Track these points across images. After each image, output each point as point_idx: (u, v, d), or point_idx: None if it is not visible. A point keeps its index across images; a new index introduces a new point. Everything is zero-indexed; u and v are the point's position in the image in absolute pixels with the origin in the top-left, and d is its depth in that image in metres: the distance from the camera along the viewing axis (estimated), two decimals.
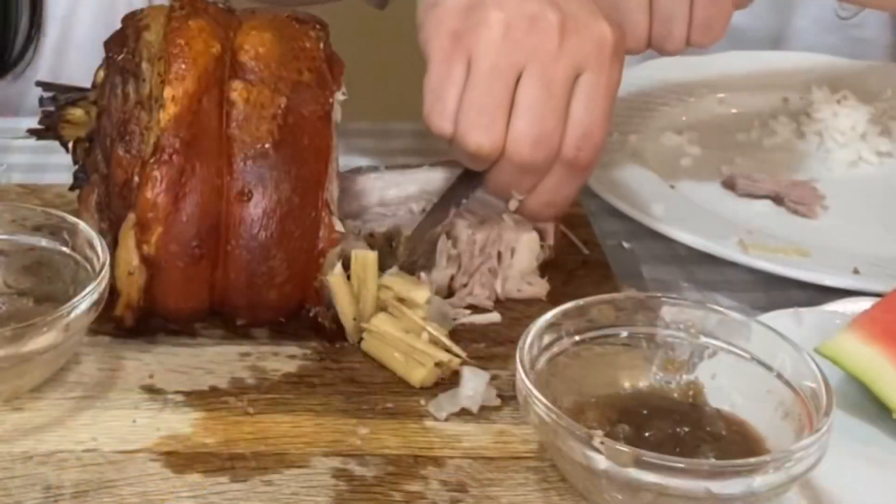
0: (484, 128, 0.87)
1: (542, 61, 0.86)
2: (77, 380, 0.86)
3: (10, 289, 0.90)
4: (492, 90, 0.86)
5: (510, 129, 0.87)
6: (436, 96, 0.88)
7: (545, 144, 0.87)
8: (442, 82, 0.88)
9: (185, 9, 0.89)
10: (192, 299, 0.88)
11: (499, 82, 0.86)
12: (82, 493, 0.76)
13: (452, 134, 0.88)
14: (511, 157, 0.88)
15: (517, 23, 0.86)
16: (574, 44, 0.87)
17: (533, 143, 0.87)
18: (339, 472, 0.79)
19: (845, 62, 1.39)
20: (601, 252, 1.03)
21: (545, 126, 0.87)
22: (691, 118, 1.28)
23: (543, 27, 0.86)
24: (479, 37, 0.87)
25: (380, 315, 0.89)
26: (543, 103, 0.86)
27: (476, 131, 0.87)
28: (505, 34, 0.86)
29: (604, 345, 0.83)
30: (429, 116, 0.89)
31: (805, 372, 0.78)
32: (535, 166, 0.89)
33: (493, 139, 0.87)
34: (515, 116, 0.87)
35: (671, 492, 0.71)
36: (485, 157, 0.88)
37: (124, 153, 0.87)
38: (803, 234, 1.08)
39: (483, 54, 0.87)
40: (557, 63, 0.86)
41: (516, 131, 0.87)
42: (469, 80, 0.87)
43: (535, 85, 0.86)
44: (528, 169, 0.89)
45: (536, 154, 0.88)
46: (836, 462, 0.75)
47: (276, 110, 0.87)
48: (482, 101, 0.87)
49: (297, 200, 0.86)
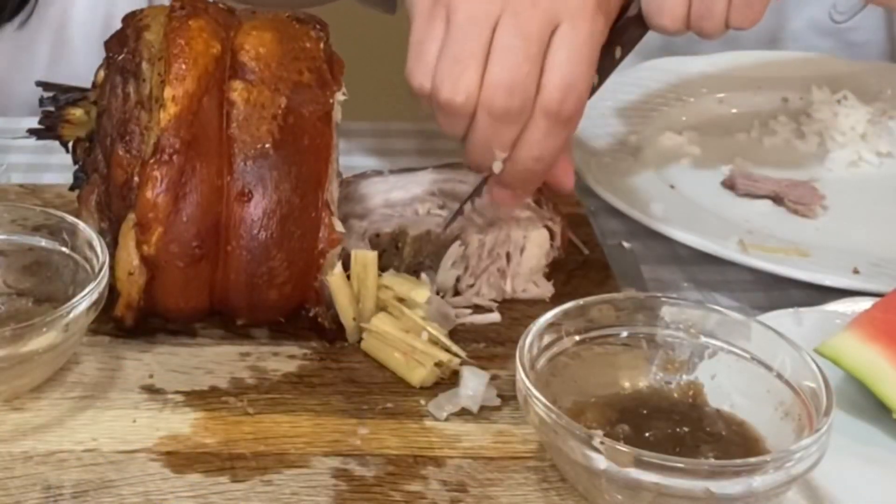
0: (456, 77, 0.86)
1: (517, 10, 0.86)
2: (77, 380, 0.86)
3: (10, 289, 0.90)
4: (466, 40, 0.86)
5: (485, 76, 0.86)
6: (416, 52, 0.89)
7: (520, 90, 0.86)
8: (422, 38, 0.88)
9: (186, 9, 0.89)
10: (192, 299, 0.88)
11: (473, 32, 0.86)
12: (82, 493, 0.76)
13: (430, 90, 0.88)
14: (487, 106, 0.87)
15: None
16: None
17: (507, 90, 0.86)
18: (339, 472, 0.79)
19: (845, 62, 1.39)
20: (601, 252, 1.03)
21: (519, 71, 0.86)
22: (691, 118, 1.28)
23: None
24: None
25: (380, 315, 0.89)
26: (518, 50, 0.86)
27: (449, 82, 0.87)
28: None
29: (604, 345, 0.83)
30: (410, 73, 0.89)
31: (805, 372, 0.78)
32: (511, 114, 0.87)
33: (467, 88, 0.86)
34: (490, 63, 0.86)
35: (671, 492, 0.71)
36: (457, 108, 0.87)
37: (124, 153, 0.87)
38: (803, 234, 1.08)
39: (458, 6, 0.87)
40: (533, 10, 0.86)
41: (491, 78, 0.86)
42: (446, 34, 0.87)
43: (510, 32, 0.86)
44: (504, 117, 0.87)
45: (512, 101, 0.86)
46: (836, 462, 0.75)
47: (276, 110, 0.87)
48: (456, 52, 0.87)
49: (298, 201, 0.86)
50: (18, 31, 1.29)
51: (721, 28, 0.98)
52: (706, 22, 0.97)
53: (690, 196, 1.12)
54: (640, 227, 1.06)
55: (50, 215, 0.90)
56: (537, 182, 0.94)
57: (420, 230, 0.94)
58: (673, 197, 1.11)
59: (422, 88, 0.88)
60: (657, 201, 1.09)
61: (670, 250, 1.07)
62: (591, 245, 1.04)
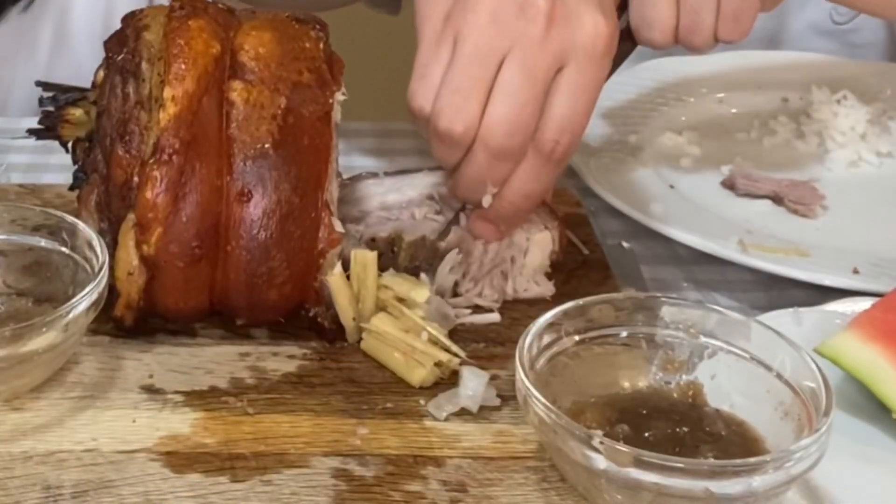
0: (457, 108, 0.86)
1: (526, 48, 0.85)
2: (77, 380, 0.86)
3: (10, 289, 0.90)
4: (471, 72, 0.85)
5: (486, 112, 0.86)
6: (420, 75, 0.88)
7: (520, 131, 0.86)
8: (427, 62, 0.88)
9: (185, 9, 0.89)
10: (192, 299, 0.88)
11: (478, 65, 0.85)
12: (82, 493, 0.76)
13: (429, 114, 0.87)
14: (485, 141, 0.86)
15: (505, 8, 0.85)
16: (562, 33, 0.85)
17: (508, 128, 0.86)
18: (338, 472, 0.79)
19: (845, 62, 1.39)
20: (601, 252, 1.03)
21: (523, 113, 0.85)
22: (691, 118, 1.28)
23: (531, 14, 0.85)
24: (465, 20, 0.86)
25: (380, 315, 0.89)
26: (523, 90, 0.85)
27: (449, 111, 0.86)
28: (492, 19, 0.85)
29: (603, 345, 0.83)
30: (412, 95, 0.88)
31: (805, 372, 0.78)
32: (509, 153, 0.87)
33: (466, 121, 0.86)
34: (493, 99, 0.86)
35: (671, 492, 0.71)
36: (455, 139, 0.87)
37: (124, 153, 0.87)
38: (803, 234, 1.08)
39: (467, 36, 0.86)
40: (541, 51, 0.85)
41: (492, 115, 0.86)
42: (452, 61, 0.86)
43: (516, 70, 0.85)
44: (501, 155, 0.87)
45: (511, 140, 0.86)
46: (836, 462, 0.75)
47: (275, 110, 0.87)
48: (460, 82, 0.86)
49: (297, 201, 0.86)
50: (21, 16, 1.29)
51: (710, 42, 0.98)
52: (695, 35, 0.97)
53: (690, 196, 1.13)
54: (640, 227, 1.06)
55: (50, 215, 0.90)
56: (521, 219, 0.94)
57: (416, 236, 0.94)
58: (673, 197, 1.11)
59: (421, 111, 0.88)
60: (657, 201, 1.09)
61: (670, 250, 1.07)
62: (591, 245, 1.04)
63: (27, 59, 1.31)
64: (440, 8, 0.88)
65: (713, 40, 0.98)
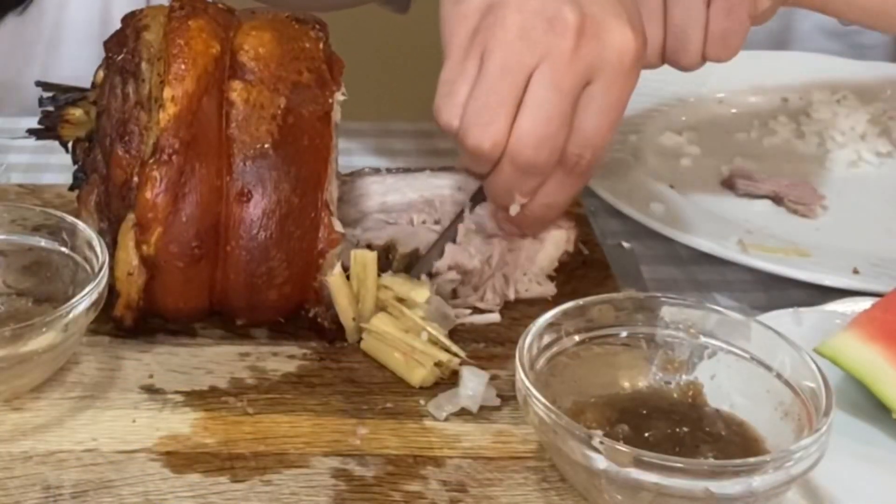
0: (485, 125, 0.86)
1: (555, 63, 0.84)
2: (77, 380, 0.86)
3: (10, 289, 0.90)
4: (499, 88, 0.85)
5: (514, 127, 0.86)
6: (447, 90, 0.87)
7: (549, 146, 0.86)
8: (454, 77, 0.87)
9: (185, 9, 0.89)
10: (192, 300, 0.88)
11: (507, 80, 0.85)
12: (82, 493, 0.76)
13: (457, 130, 0.87)
14: (513, 156, 0.87)
15: (534, 23, 0.85)
16: (591, 48, 0.85)
17: (536, 144, 0.86)
18: (338, 472, 0.79)
19: (845, 62, 1.39)
20: (601, 252, 1.03)
21: (550, 127, 0.85)
22: (691, 118, 1.28)
23: (560, 29, 0.84)
24: (494, 35, 0.85)
25: (380, 315, 0.89)
26: (551, 105, 0.85)
27: (477, 128, 0.86)
28: (520, 34, 0.85)
29: (603, 345, 0.83)
30: (438, 110, 0.88)
31: (805, 372, 0.78)
32: (537, 168, 0.87)
33: (494, 137, 0.86)
34: (521, 115, 0.85)
35: (671, 492, 0.71)
36: (484, 154, 0.87)
37: (124, 153, 0.87)
38: (803, 234, 1.08)
39: (495, 52, 0.85)
40: (570, 66, 0.84)
41: (520, 130, 0.86)
42: (479, 77, 0.86)
43: (545, 85, 0.85)
44: (530, 170, 0.87)
45: (539, 155, 0.86)
46: (836, 462, 0.75)
47: (275, 110, 0.87)
48: (488, 98, 0.85)
49: (297, 201, 0.86)
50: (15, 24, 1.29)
51: (697, 62, 0.97)
52: (681, 56, 0.97)
53: (690, 196, 1.13)
54: (640, 227, 1.06)
55: (49, 215, 0.90)
56: (546, 225, 0.95)
57: (410, 248, 0.94)
58: (673, 197, 1.11)
59: (449, 127, 0.88)
60: (657, 201, 1.09)
61: (670, 250, 1.07)
62: (591, 245, 1.04)
63: (23, 60, 1.31)
64: (468, 23, 0.87)
65: (701, 60, 0.97)
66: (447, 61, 0.88)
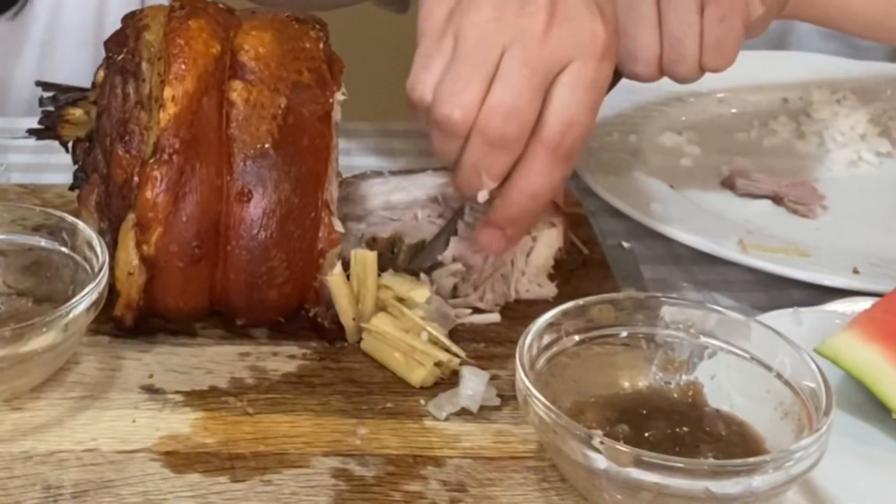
0: (456, 96, 0.86)
1: (526, 43, 0.86)
2: (77, 380, 0.86)
3: (10, 289, 0.90)
4: (471, 62, 0.86)
5: (486, 99, 0.86)
6: (421, 65, 0.88)
7: (518, 117, 0.86)
8: (429, 53, 0.88)
9: (185, 9, 0.89)
10: (192, 299, 0.88)
11: (479, 55, 0.86)
12: (82, 493, 0.76)
13: (430, 103, 0.87)
14: (483, 128, 0.86)
15: (507, 6, 0.86)
16: (561, 33, 0.86)
17: (505, 114, 0.85)
18: (338, 472, 0.79)
19: (845, 62, 1.39)
20: (601, 252, 1.03)
21: (520, 98, 0.86)
22: (691, 118, 1.28)
23: (531, 10, 0.86)
24: (468, 17, 0.87)
25: (380, 315, 0.89)
26: (521, 77, 0.85)
27: (449, 99, 0.86)
28: (493, 16, 0.86)
29: (603, 345, 0.83)
30: (412, 85, 0.88)
31: (805, 372, 0.78)
32: (507, 140, 0.86)
33: (464, 108, 0.86)
34: (492, 89, 0.86)
35: (671, 492, 0.71)
36: (454, 127, 0.86)
37: (124, 153, 0.87)
38: (803, 234, 1.08)
39: (469, 30, 0.86)
40: (541, 47, 0.85)
41: (490, 100, 0.86)
42: (454, 53, 0.87)
43: (516, 61, 0.86)
44: (499, 143, 0.86)
45: (508, 126, 0.86)
46: (836, 462, 0.75)
47: (275, 110, 0.87)
48: (460, 71, 0.86)
49: (297, 201, 0.86)
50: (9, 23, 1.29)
51: (695, 72, 0.97)
52: (679, 67, 0.97)
53: (690, 196, 1.13)
54: (640, 227, 1.06)
55: (50, 215, 0.90)
56: (529, 223, 0.93)
57: (416, 239, 0.94)
58: (673, 197, 1.11)
59: (422, 101, 0.88)
60: (657, 201, 1.09)
61: (670, 250, 1.07)
62: (591, 245, 1.04)
63: (19, 60, 1.31)
64: (443, 6, 0.89)
65: (698, 70, 0.97)
66: (423, 40, 0.89)
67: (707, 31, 0.96)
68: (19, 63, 1.31)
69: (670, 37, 0.96)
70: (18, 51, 1.31)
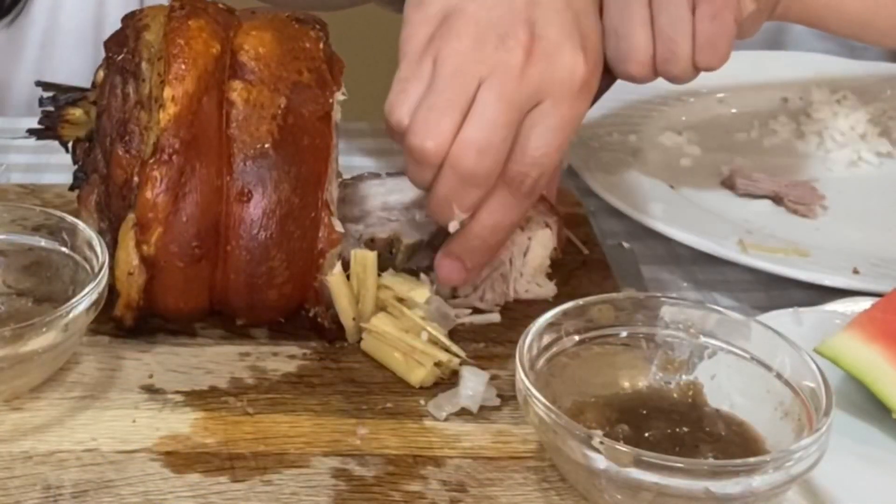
0: (431, 127, 0.85)
1: (503, 77, 0.85)
2: (77, 380, 0.86)
3: (10, 289, 0.90)
4: (448, 92, 0.85)
5: (459, 133, 0.86)
6: (400, 89, 0.88)
7: (491, 155, 0.85)
8: (408, 77, 0.88)
9: (185, 9, 0.89)
10: (192, 299, 0.88)
11: (456, 86, 0.85)
12: (82, 493, 0.76)
13: (406, 129, 0.87)
14: (455, 162, 0.86)
15: (487, 37, 0.86)
16: (539, 69, 0.85)
17: (479, 151, 0.85)
18: (338, 472, 0.79)
19: (845, 62, 1.39)
20: (601, 252, 1.03)
21: (495, 135, 0.85)
22: (691, 118, 1.28)
23: (511, 46, 0.85)
24: (448, 43, 0.86)
25: (380, 315, 0.89)
26: (497, 113, 0.85)
27: (423, 130, 0.86)
28: (473, 46, 0.86)
29: (603, 345, 0.83)
30: (391, 108, 0.88)
31: (805, 372, 0.78)
32: (479, 176, 0.86)
33: (438, 140, 0.85)
34: (467, 122, 0.85)
35: (671, 492, 0.71)
36: (427, 156, 0.86)
37: (124, 153, 0.87)
38: (803, 234, 1.08)
39: (447, 58, 0.86)
40: (518, 82, 0.85)
41: (464, 135, 0.85)
42: (431, 81, 0.86)
43: (492, 96, 0.85)
44: (471, 179, 0.86)
45: (481, 163, 0.85)
46: (836, 462, 0.75)
47: (275, 110, 0.87)
48: (437, 100, 0.86)
49: (297, 201, 0.86)
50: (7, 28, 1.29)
51: (689, 71, 0.97)
52: (672, 66, 0.97)
53: (690, 196, 1.13)
54: (640, 227, 1.06)
55: (50, 215, 0.90)
56: (487, 256, 0.92)
57: (415, 238, 0.94)
58: (673, 197, 1.11)
59: (399, 125, 0.87)
60: (657, 201, 1.09)
61: (670, 250, 1.07)
62: (591, 245, 1.04)
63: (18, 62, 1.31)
64: (424, 29, 0.88)
65: (692, 69, 0.97)
66: (403, 62, 0.89)
67: (699, 29, 0.96)
68: (19, 65, 1.31)
69: (663, 35, 0.96)
70: (17, 54, 1.30)
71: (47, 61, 1.32)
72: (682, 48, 0.95)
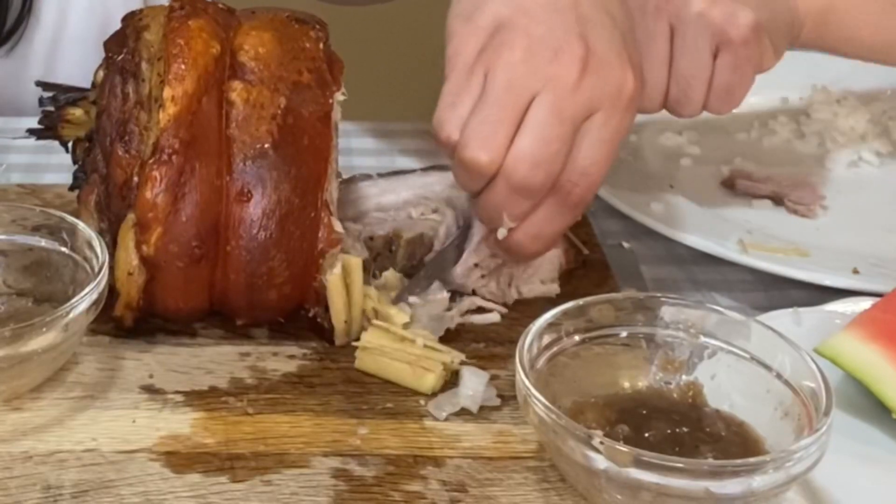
0: (484, 139, 0.85)
1: (557, 90, 0.85)
2: (77, 380, 0.86)
3: (10, 289, 0.90)
4: (500, 106, 0.85)
5: (513, 146, 0.86)
6: (449, 103, 0.87)
7: (545, 167, 0.86)
8: (458, 91, 0.87)
9: (185, 9, 0.89)
10: (192, 299, 0.88)
11: (509, 100, 0.85)
12: (82, 493, 0.76)
13: (456, 142, 0.87)
14: (508, 174, 0.86)
15: (540, 51, 0.85)
16: (593, 82, 0.85)
17: (533, 164, 0.85)
18: (338, 472, 0.79)
19: (845, 62, 1.39)
20: (601, 252, 1.03)
21: (548, 149, 0.85)
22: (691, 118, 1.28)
23: (566, 60, 0.85)
24: (500, 56, 0.86)
25: (370, 331, 0.88)
26: (550, 127, 0.85)
27: (476, 142, 0.85)
28: (525, 59, 0.85)
29: (603, 345, 0.83)
30: (440, 122, 0.88)
31: (805, 372, 0.78)
32: (531, 189, 0.86)
33: (492, 153, 0.85)
34: (520, 135, 0.85)
35: (670, 492, 0.71)
36: (481, 168, 0.86)
37: (124, 153, 0.87)
38: (803, 234, 1.08)
39: (500, 72, 0.85)
40: (572, 96, 0.85)
41: (518, 148, 0.85)
42: (482, 94, 0.86)
43: (546, 109, 0.85)
44: (524, 191, 0.87)
45: (535, 176, 0.86)
46: (836, 462, 0.75)
47: (275, 110, 0.87)
48: (489, 113, 0.85)
49: (297, 201, 0.86)
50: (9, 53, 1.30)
51: (698, 112, 0.98)
52: (682, 107, 0.97)
53: (690, 196, 1.13)
54: (640, 227, 1.06)
55: (50, 215, 0.90)
56: (528, 259, 0.94)
57: (414, 233, 0.94)
58: (673, 197, 1.11)
59: (449, 140, 0.87)
60: (657, 201, 1.09)
61: (670, 250, 1.07)
62: (591, 245, 1.04)
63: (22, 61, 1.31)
64: (476, 40, 0.88)
65: (701, 111, 0.97)
66: (451, 75, 0.88)
67: (717, 76, 0.96)
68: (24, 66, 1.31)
69: (679, 77, 0.96)
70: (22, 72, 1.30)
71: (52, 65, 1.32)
72: (696, 93, 0.95)
